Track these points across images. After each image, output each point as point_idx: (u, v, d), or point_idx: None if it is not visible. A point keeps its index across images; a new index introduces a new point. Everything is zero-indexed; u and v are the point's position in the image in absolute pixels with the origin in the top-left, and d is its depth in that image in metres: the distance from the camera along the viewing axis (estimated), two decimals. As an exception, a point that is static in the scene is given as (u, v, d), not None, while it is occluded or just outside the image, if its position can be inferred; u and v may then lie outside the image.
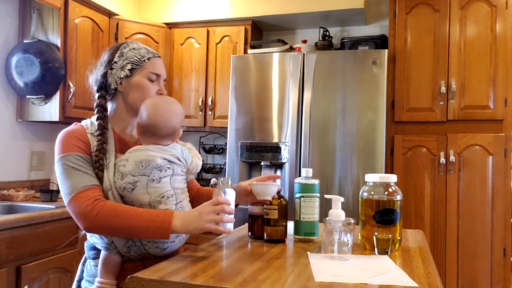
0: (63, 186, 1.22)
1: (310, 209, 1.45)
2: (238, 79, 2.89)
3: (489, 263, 2.60)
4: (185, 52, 3.38)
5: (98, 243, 1.28)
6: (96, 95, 1.37)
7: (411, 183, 2.75)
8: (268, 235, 1.44)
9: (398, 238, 1.36)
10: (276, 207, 1.46)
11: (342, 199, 1.36)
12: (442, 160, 2.68)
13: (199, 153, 1.45)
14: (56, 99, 2.70)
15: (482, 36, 2.69)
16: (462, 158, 2.68)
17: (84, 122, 1.34)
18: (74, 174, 1.22)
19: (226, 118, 3.07)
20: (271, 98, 2.81)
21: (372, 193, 1.38)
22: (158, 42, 3.35)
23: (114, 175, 1.26)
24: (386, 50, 2.65)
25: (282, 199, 1.50)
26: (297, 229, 1.47)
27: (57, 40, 2.71)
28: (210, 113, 3.28)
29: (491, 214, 2.61)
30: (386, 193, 1.37)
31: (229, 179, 1.27)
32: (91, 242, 1.32)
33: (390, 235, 1.28)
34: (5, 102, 2.70)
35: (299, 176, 1.93)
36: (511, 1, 2.66)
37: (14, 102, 2.76)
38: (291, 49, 3.09)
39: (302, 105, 2.73)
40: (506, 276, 2.59)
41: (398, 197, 1.37)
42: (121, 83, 1.35)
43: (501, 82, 2.64)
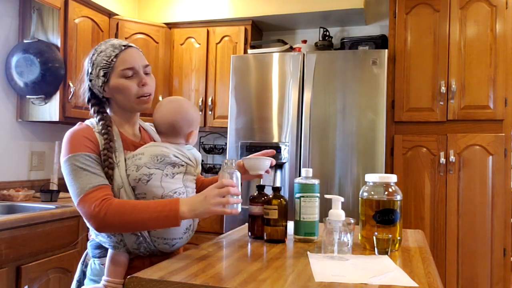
0: (72, 187, 1.23)
1: (310, 209, 1.45)
2: (238, 79, 2.89)
3: (489, 263, 2.61)
4: (185, 52, 3.38)
5: (105, 242, 1.28)
6: (88, 105, 1.38)
7: (411, 183, 2.75)
8: (268, 235, 1.44)
9: (398, 238, 1.36)
10: (276, 207, 1.46)
11: (342, 199, 1.36)
12: (442, 160, 2.68)
13: (199, 153, 1.45)
14: (56, 99, 2.70)
15: (482, 36, 2.69)
16: (462, 158, 2.68)
17: (89, 121, 1.35)
18: (82, 175, 1.22)
19: (226, 118, 3.07)
20: (271, 98, 2.81)
21: (372, 193, 1.38)
22: (158, 42, 3.35)
23: (127, 169, 1.28)
24: (386, 50, 2.65)
25: (282, 199, 1.50)
26: (297, 229, 1.47)
27: (57, 40, 2.71)
28: (210, 113, 3.28)
29: (491, 214, 2.61)
30: (386, 193, 1.37)
31: (233, 161, 1.27)
32: (97, 241, 1.32)
33: (390, 235, 1.28)
34: (5, 102, 2.70)
35: (299, 176, 1.93)
36: (511, 1, 2.66)
37: (14, 102, 2.76)
38: (291, 49, 3.09)
39: (302, 105, 2.73)
40: (506, 276, 2.59)
41: (398, 197, 1.38)
42: (104, 90, 1.35)
43: (501, 82, 2.64)
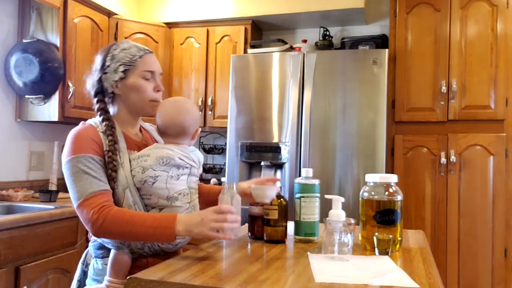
0: (72, 190, 1.24)
1: (310, 209, 1.45)
2: (238, 79, 2.89)
3: (490, 264, 2.60)
4: (185, 52, 3.38)
5: (108, 243, 1.29)
6: (94, 100, 1.37)
7: (412, 183, 2.74)
8: (268, 236, 1.44)
9: (399, 238, 1.36)
10: (276, 208, 1.45)
11: (343, 199, 1.35)
12: (443, 160, 2.67)
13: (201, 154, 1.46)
14: (55, 99, 2.69)
15: (483, 35, 2.68)
16: (463, 158, 2.67)
17: (92, 121, 1.34)
18: (83, 178, 1.22)
19: (226, 118, 3.06)
20: (271, 98, 2.81)
21: (372, 193, 1.38)
22: (157, 42, 3.34)
23: (132, 170, 1.28)
24: (387, 50, 2.64)
25: (282, 199, 1.50)
26: (297, 229, 1.46)
27: (56, 39, 2.71)
28: (210, 113, 3.28)
29: (492, 214, 2.61)
30: (387, 193, 1.36)
31: (234, 184, 1.27)
32: (99, 241, 1.32)
33: (391, 236, 1.28)
34: (4, 102, 2.70)
35: (299, 176, 1.93)
36: (512, 0, 2.66)
37: (13, 102, 2.76)
38: (291, 48, 3.08)
39: (302, 105, 2.73)
40: (507, 276, 2.58)
41: (399, 197, 1.37)
42: (117, 86, 1.35)
43: (502, 82, 2.63)
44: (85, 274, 1.38)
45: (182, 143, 1.36)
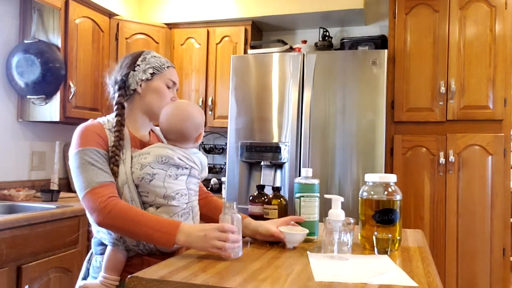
0: (78, 180, 1.26)
1: (310, 209, 1.46)
2: (238, 79, 2.90)
3: (488, 263, 2.61)
4: (185, 52, 3.39)
5: (105, 239, 1.31)
6: (116, 94, 1.43)
7: (411, 183, 2.76)
8: (268, 235, 1.44)
9: (398, 237, 1.36)
10: (276, 207, 1.46)
11: (342, 199, 1.36)
12: (442, 160, 2.69)
13: (205, 156, 1.47)
14: (56, 99, 2.70)
15: (482, 36, 2.69)
16: (461, 158, 2.69)
17: (100, 119, 1.40)
18: (90, 169, 1.26)
19: (226, 118, 3.07)
20: (271, 98, 2.82)
21: (371, 193, 1.39)
22: (158, 43, 3.35)
23: (132, 167, 1.31)
24: (386, 51, 2.65)
25: (282, 199, 1.51)
26: (297, 229, 1.47)
27: (57, 40, 2.71)
28: (210, 113, 3.29)
29: (491, 214, 2.62)
30: (386, 193, 1.37)
31: (234, 204, 1.25)
32: (98, 238, 1.35)
33: (390, 235, 1.29)
34: (5, 102, 2.71)
35: (299, 176, 1.94)
36: (510, 1, 2.67)
37: (14, 102, 2.76)
38: (291, 49, 3.09)
39: (302, 105, 2.74)
40: (506, 276, 2.59)
41: (398, 197, 1.38)
42: (141, 85, 1.42)
43: (500, 82, 2.64)
44: (89, 271, 1.41)
45: (185, 147, 1.38)
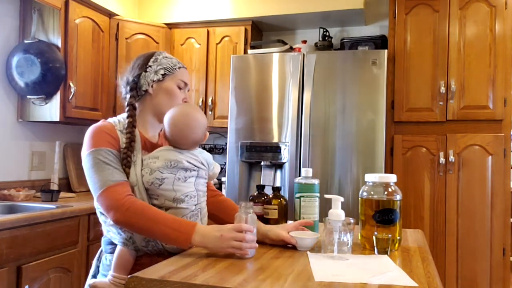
0: (93, 179, 1.27)
1: (310, 209, 1.46)
2: (238, 79, 2.90)
3: (488, 263, 2.61)
4: (185, 52, 3.39)
5: (115, 238, 1.32)
6: (128, 95, 1.43)
7: (411, 183, 2.76)
8: (268, 235, 1.44)
9: (398, 237, 1.37)
10: (276, 207, 1.47)
11: (342, 199, 1.36)
12: (442, 160, 2.69)
13: (209, 154, 1.46)
14: (56, 99, 2.70)
15: (482, 36, 2.69)
16: (461, 158, 2.69)
17: (111, 119, 1.40)
18: (105, 169, 1.27)
19: (226, 118, 3.07)
20: (271, 98, 2.82)
21: (371, 193, 1.39)
22: (158, 43, 3.35)
23: (142, 170, 1.32)
24: (386, 51, 2.65)
25: (282, 199, 1.51)
26: (297, 229, 1.47)
27: (57, 40, 2.72)
28: (210, 113, 3.29)
29: (491, 213, 2.62)
30: (386, 193, 1.38)
31: (250, 204, 1.26)
32: (108, 237, 1.36)
33: (390, 235, 1.29)
34: (5, 102, 2.71)
35: (299, 176, 1.94)
36: (511, 1, 2.67)
37: (14, 102, 2.77)
38: (291, 49, 3.09)
39: (302, 105, 2.74)
40: (506, 275, 2.59)
41: (398, 197, 1.38)
42: (152, 86, 1.42)
43: (500, 82, 2.64)
44: (99, 269, 1.42)
45: (192, 149, 1.38)
